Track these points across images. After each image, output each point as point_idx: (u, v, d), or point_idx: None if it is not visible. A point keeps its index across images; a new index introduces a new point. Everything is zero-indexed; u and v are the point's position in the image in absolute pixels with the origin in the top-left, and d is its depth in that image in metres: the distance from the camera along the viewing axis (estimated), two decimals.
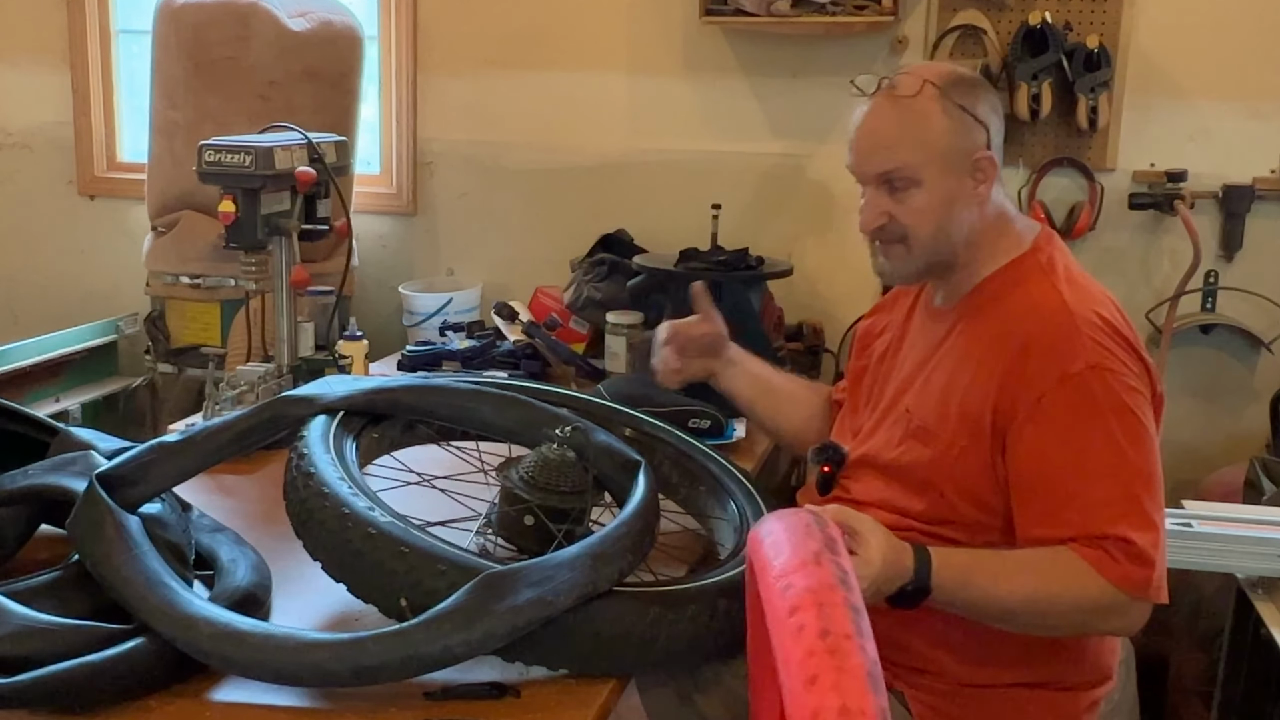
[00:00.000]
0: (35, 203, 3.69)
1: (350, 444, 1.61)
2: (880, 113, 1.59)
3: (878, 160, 1.58)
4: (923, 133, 1.56)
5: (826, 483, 1.70)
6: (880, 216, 1.60)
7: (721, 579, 1.50)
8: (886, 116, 1.59)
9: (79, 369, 3.25)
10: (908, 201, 1.58)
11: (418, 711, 1.30)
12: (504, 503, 1.60)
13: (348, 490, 1.44)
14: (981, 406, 1.52)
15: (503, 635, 1.31)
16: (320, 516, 1.42)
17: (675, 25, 3.16)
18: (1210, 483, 2.77)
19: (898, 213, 1.58)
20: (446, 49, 3.34)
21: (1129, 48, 2.91)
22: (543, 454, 1.61)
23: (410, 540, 1.37)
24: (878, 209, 1.59)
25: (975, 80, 1.65)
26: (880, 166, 1.58)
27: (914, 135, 1.56)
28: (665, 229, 3.15)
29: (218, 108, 3.01)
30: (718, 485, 1.82)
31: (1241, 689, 2.05)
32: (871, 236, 1.63)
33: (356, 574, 1.39)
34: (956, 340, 1.61)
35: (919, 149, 1.56)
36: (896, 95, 1.58)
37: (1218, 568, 2.01)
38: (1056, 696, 1.58)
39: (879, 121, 1.59)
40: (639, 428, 1.90)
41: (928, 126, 1.56)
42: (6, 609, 1.32)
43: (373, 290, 3.38)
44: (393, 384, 1.76)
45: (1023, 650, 1.55)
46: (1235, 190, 2.90)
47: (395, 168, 3.42)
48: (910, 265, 1.62)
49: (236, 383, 2.26)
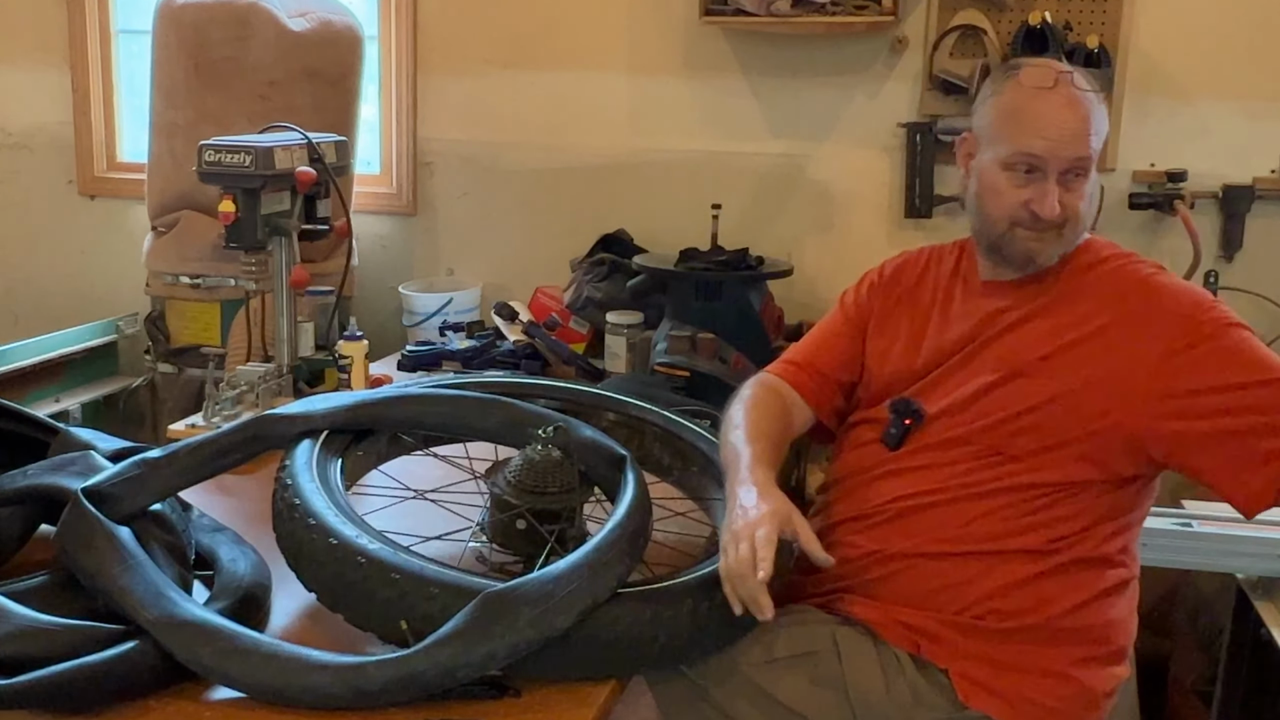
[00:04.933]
0: (35, 203, 3.69)
1: (335, 467, 1.60)
2: (1068, 105, 1.65)
3: (1074, 147, 1.64)
4: (1101, 124, 1.66)
5: (902, 437, 1.72)
6: (1060, 203, 1.65)
7: (715, 569, 1.48)
8: (1075, 108, 1.65)
9: (79, 369, 3.25)
10: (1076, 188, 1.65)
11: (418, 711, 1.30)
12: (495, 509, 1.60)
13: (335, 519, 1.43)
14: (1134, 366, 1.59)
15: (503, 656, 1.31)
16: (309, 550, 1.42)
17: (675, 25, 3.16)
18: None
19: (1066, 200, 1.64)
20: (446, 49, 3.34)
21: (1129, 48, 2.91)
22: (528, 456, 1.61)
23: (401, 565, 1.36)
24: (1054, 196, 1.65)
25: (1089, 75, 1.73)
26: (1076, 153, 1.64)
27: (1097, 126, 1.65)
28: (665, 229, 3.15)
29: (218, 108, 3.01)
30: (710, 464, 1.80)
31: (1241, 689, 2.05)
32: (1049, 224, 1.66)
33: (351, 604, 1.39)
34: (1054, 304, 1.68)
35: (1096, 139, 1.65)
36: (1081, 88, 1.65)
37: (1218, 568, 2.01)
38: (1085, 674, 1.60)
39: (1070, 111, 1.64)
40: (624, 411, 1.90)
41: (1098, 118, 1.66)
42: (6, 609, 1.32)
43: (373, 290, 3.38)
44: (373, 398, 1.74)
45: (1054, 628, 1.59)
46: (1235, 190, 2.90)
47: (395, 168, 3.42)
48: (1061, 248, 1.69)
49: (236, 383, 2.26)
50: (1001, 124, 1.67)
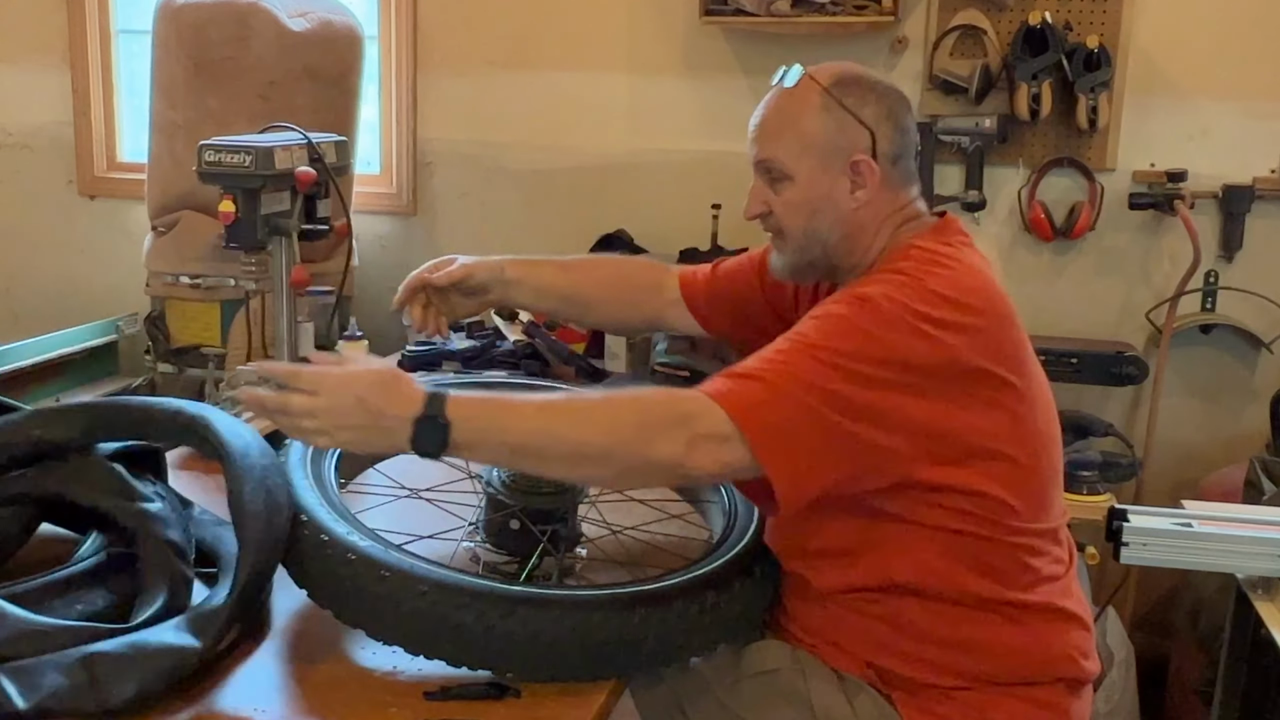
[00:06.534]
0: (35, 203, 3.69)
1: (329, 463, 1.60)
2: (769, 102, 1.62)
3: (756, 148, 1.61)
4: (797, 126, 1.56)
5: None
6: (759, 205, 1.62)
7: (706, 571, 1.48)
8: (770, 107, 1.61)
9: (79, 369, 3.25)
10: (782, 194, 1.59)
11: (418, 711, 1.30)
12: (489, 508, 1.60)
13: (326, 515, 1.43)
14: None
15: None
16: (300, 546, 1.42)
17: (675, 25, 3.17)
18: (1210, 483, 2.77)
19: (774, 204, 1.60)
20: (446, 49, 3.34)
21: (1129, 48, 2.91)
22: None
23: (390, 563, 1.36)
24: (759, 197, 1.61)
25: (873, 84, 1.60)
26: (757, 154, 1.60)
27: (789, 128, 1.57)
28: (665, 229, 3.15)
29: (218, 108, 3.01)
30: None
31: (1241, 689, 2.04)
32: (760, 224, 1.64)
33: (340, 601, 1.39)
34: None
35: (792, 142, 1.57)
36: (784, 87, 1.60)
37: (1218, 568, 2.00)
38: (1035, 692, 1.55)
39: (765, 111, 1.61)
40: None
41: (803, 120, 1.56)
42: (4, 611, 1.32)
43: (373, 290, 3.37)
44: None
45: (982, 650, 1.52)
46: (1235, 190, 2.90)
47: (395, 168, 3.42)
48: (784, 259, 1.64)
49: (236, 383, 2.25)
50: None
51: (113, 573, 1.47)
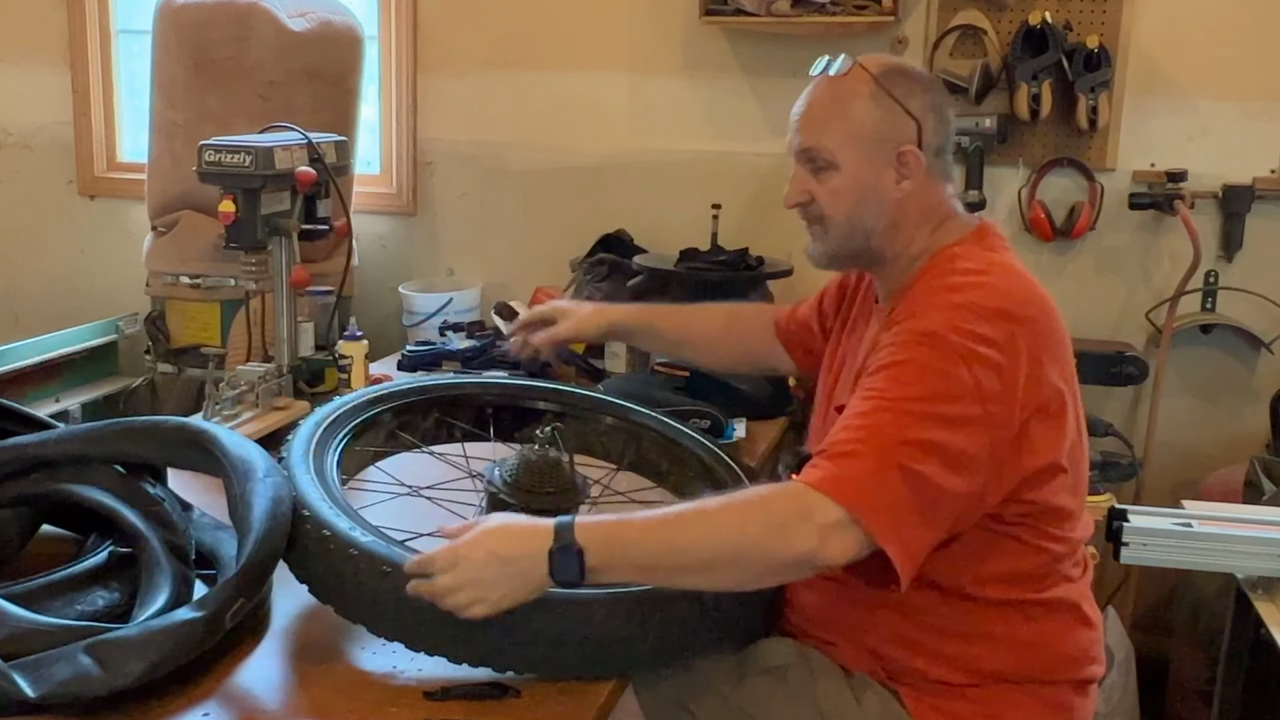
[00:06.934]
0: (35, 203, 3.69)
1: (332, 460, 1.61)
2: (814, 91, 1.61)
3: (801, 136, 1.60)
4: (845, 115, 1.56)
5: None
6: (801, 194, 1.61)
7: None
8: (817, 95, 1.60)
9: (79, 369, 3.24)
10: (826, 183, 1.59)
11: (418, 711, 1.30)
12: (490, 507, 1.60)
13: (329, 511, 1.44)
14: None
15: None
16: (302, 541, 1.42)
17: (675, 25, 3.16)
18: (1210, 483, 2.76)
19: (817, 193, 1.59)
20: (446, 49, 3.34)
21: (1129, 48, 2.91)
22: (525, 456, 1.61)
23: (393, 559, 1.36)
24: (800, 186, 1.61)
25: (919, 75, 1.62)
26: (802, 143, 1.59)
27: (837, 116, 1.57)
28: (665, 229, 3.15)
29: (218, 108, 3.01)
30: (706, 471, 1.81)
31: (1241, 689, 2.04)
32: (799, 213, 1.63)
33: (341, 596, 1.39)
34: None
35: (839, 131, 1.56)
36: (830, 76, 1.59)
37: (1218, 568, 2.00)
38: (1044, 691, 1.56)
39: (810, 99, 1.60)
40: (623, 416, 1.90)
41: (851, 109, 1.56)
42: (4, 611, 1.32)
43: (373, 290, 3.38)
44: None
45: (996, 646, 1.53)
46: (1235, 190, 2.90)
47: (395, 168, 3.42)
48: (825, 248, 1.63)
49: (236, 383, 2.26)
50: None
51: (113, 573, 1.48)
